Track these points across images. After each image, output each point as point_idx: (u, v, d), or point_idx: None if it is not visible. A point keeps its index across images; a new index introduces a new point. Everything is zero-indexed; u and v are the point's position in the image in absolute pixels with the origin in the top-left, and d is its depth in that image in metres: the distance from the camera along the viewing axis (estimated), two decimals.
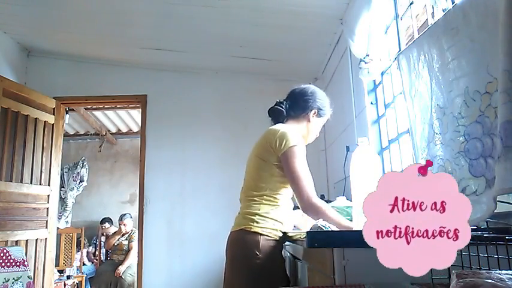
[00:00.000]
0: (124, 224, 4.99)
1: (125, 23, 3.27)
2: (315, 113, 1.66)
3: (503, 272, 0.61)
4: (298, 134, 1.56)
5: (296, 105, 1.67)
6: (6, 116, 3.28)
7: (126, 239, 4.97)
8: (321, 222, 1.35)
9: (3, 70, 3.55)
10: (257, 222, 1.46)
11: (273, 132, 1.54)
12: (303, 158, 1.49)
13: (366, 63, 2.27)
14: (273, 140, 1.51)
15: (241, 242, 1.46)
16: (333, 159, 3.43)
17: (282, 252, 1.54)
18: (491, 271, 0.64)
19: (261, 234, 1.44)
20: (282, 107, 1.66)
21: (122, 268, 4.67)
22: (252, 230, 1.45)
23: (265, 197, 1.50)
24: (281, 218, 1.51)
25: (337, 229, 1.34)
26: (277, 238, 1.48)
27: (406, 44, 1.88)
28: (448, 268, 0.73)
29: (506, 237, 0.76)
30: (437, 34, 1.36)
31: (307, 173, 1.47)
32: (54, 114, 3.80)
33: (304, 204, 1.43)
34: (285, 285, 1.47)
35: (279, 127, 1.57)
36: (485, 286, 0.54)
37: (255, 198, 1.51)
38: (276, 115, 1.67)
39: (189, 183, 3.86)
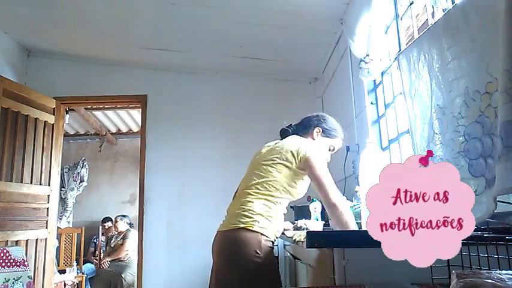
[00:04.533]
0: (115, 224, 5.21)
1: (125, 23, 3.27)
2: (318, 131, 1.72)
3: (503, 272, 0.61)
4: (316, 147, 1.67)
5: (301, 125, 1.77)
6: (6, 116, 3.28)
7: (122, 239, 5.03)
8: (300, 223, 1.36)
9: (3, 70, 3.55)
10: (258, 222, 1.45)
11: (296, 141, 1.63)
12: (326, 165, 1.58)
13: (366, 63, 2.27)
14: (299, 148, 1.57)
15: (243, 240, 1.43)
16: (333, 159, 3.41)
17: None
18: (491, 271, 0.64)
19: (262, 234, 1.44)
20: (290, 128, 1.78)
21: (106, 259, 4.90)
22: (254, 229, 1.43)
23: (269, 197, 1.50)
24: (278, 222, 1.53)
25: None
26: (273, 240, 1.50)
27: (406, 44, 1.88)
28: (448, 268, 0.73)
29: (506, 237, 0.76)
30: (437, 34, 1.36)
31: (330, 177, 1.53)
32: (54, 114, 3.79)
33: (327, 204, 1.48)
34: (280, 286, 1.48)
35: (299, 139, 1.66)
36: (485, 286, 0.54)
37: (259, 197, 1.50)
38: (284, 135, 1.77)
39: (189, 183, 3.85)
